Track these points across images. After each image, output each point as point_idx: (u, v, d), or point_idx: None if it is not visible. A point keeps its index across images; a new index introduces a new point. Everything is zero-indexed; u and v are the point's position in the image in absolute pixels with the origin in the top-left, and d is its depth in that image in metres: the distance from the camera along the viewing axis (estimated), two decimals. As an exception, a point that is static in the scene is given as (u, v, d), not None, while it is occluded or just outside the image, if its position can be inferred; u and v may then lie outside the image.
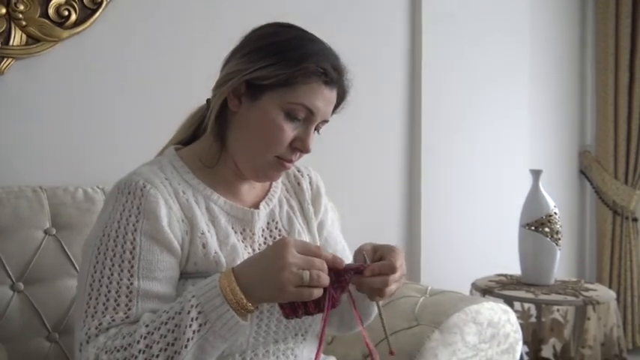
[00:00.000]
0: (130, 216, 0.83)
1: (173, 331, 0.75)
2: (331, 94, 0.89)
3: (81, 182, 1.30)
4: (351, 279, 0.82)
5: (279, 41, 0.87)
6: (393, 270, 0.81)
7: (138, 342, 0.75)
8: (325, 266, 0.77)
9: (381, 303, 0.86)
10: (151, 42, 1.51)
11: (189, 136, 0.99)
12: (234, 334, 0.76)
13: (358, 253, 0.85)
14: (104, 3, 1.43)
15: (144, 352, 0.74)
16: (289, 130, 0.87)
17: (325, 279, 0.76)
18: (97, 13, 1.42)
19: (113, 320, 0.79)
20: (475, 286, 1.97)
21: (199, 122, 0.98)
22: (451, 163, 2.27)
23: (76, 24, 1.39)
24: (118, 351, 0.75)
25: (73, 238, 1.20)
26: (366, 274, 0.81)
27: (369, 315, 0.99)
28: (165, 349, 0.74)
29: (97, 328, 0.78)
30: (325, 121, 0.91)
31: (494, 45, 2.45)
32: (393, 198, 2.15)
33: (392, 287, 0.82)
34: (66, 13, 1.37)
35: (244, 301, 0.75)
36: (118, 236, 0.82)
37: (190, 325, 0.74)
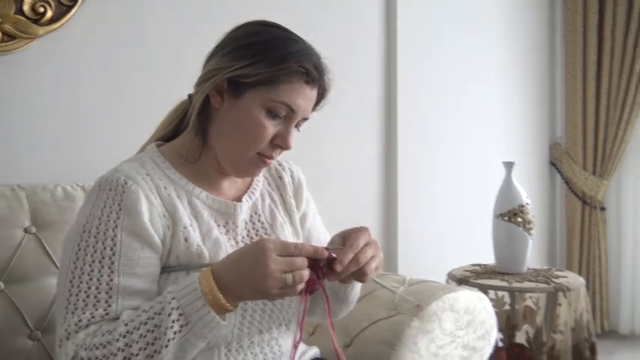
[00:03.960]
0: (111, 212, 0.84)
1: (153, 331, 0.75)
2: (312, 93, 0.91)
3: (60, 180, 1.30)
4: (326, 274, 0.83)
5: (261, 40, 0.88)
6: (355, 249, 0.83)
7: (117, 340, 0.76)
8: (305, 262, 0.79)
9: (375, 278, 0.88)
10: (128, 39, 1.51)
11: (171, 132, 1.00)
12: (214, 332, 0.78)
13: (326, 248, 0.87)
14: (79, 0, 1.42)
15: (123, 351, 0.75)
16: (270, 128, 0.89)
17: (306, 276, 0.78)
18: (73, 10, 1.41)
19: (93, 317, 0.79)
20: (451, 276, 2.02)
21: (180, 118, 1.00)
22: (427, 156, 2.32)
23: (52, 21, 1.38)
24: (97, 348, 0.76)
25: (54, 237, 1.20)
26: (338, 269, 0.82)
27: (350, 302, 1.02)
28: (145, 348, 0.75)
29: (76, 324, 0.79)
30: (305, 119, 0.93)
31: (468, 41, 2.50)
32: (371, 192, 2.18)
33: (372, 265, 0.85)
34: (41, 9, 1.36)
35: (223, 301, 0.77)
36: (98, 232, 0.83)
37: (171, 327, 0.75)
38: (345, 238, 0.87)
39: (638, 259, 3.01)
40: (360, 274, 0.85)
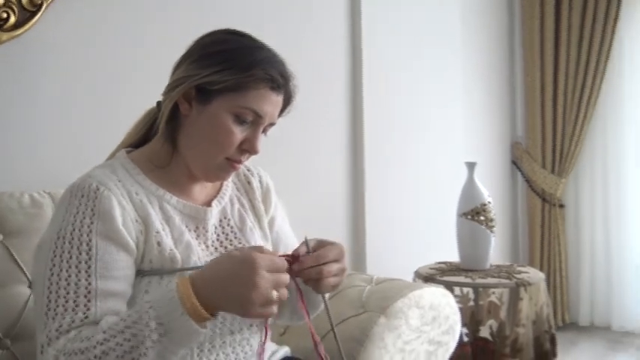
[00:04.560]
0: (85, 218, 0.85)
1: (130, 340, 0.76)
2: (278, 99, 0.94)
3: (27, 187, 1.29)
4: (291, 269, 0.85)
5: (228, 48, 0.91)
6: (324, 259, 0.86)
7: (95, 347, 0.76)
8: (288, 278, 0.81)
9: (327, 297, 0.90)
10: (91, 45, 1.50)
11: (140, 138, 1.01)
12: (192, 339, 0.79)
13: (302, 244, 0.89)
14: (44, 5, 1.41)
15: (100, 358, 0.76)
16: (238, 133, 0.92)
17: (286, 294, 0.80)
18: (37, 16, 1.39)
19: (73, 321, 0.80)
20: (417, 274, 2.07)
21: (149, 125, 1.01)
22: (392, 158, 2.37)
23: (16, 26, 1.36)
24: (76, 354, 0.77)
25: (22, 244, 1.19)
26: (295, 268, 0.85)
27: (317, 307, 1.05)
28: (122, 356, 0.76)
29: (57, 330, 0.80)
30: (272, 124, 0.96)
31: (430, 44, 2.57)
32: (338, 194, 2.22)
33: (330, 280, 0.87)
34: (4, 15, 1.35)
35: (201, 310, 0.77)
36: (73, 238, 0.84)
37: (149, 336, 0.76)
38: (319, 245, 0.89)
39: (595, 253, 3.14)
40: (317, 284, 0.88)
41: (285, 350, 1.12)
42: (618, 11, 2.92)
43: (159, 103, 0.99)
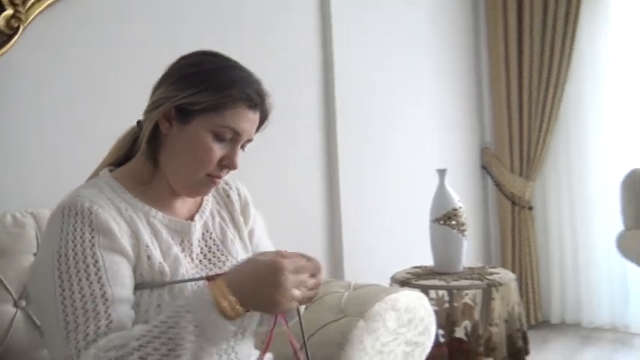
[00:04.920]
0: (84, 234, 0.87)
1: (167, 344, 0.80)
2: (255, 117, 0.99)
3: (8, 208, 1.31)
4: None
5: (205, 69, 0.95)
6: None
7: (131, 354, 0.79)
8: (307, 277, 0.89)
9: (301, 308, 0.97)
10: (68, 68, 1.53)
11: (122, 157, 1.05)
12: (225, 337, 0.85)
13: None
14: (20, 28, 1.44)
15: None
16: (218, 150, 0.96)
17: (306, 291, 0.89)
18: (14, 39, 1.43)
19: (98, 328, 0.82)
20: (394, 279, 2.13)
21: (131, 143, 1.05)
22: (366, 167, 2.45)
23: (-7, 49, 1.39)
24: None
25: (6, 264, 1.21)
26: None
27: (294, 315, 1.09)
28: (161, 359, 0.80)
29: (84, 340, 0.81)
30: (249, 140, 1.01)
31: (401, 56, 2.66)
32: (314, 203, 2.27)
33: (306, 294, 0.91)
34: (-19, 39, 1.38)
35: (239, 307, 0.83)
36: (76, 254, 0.86)
37: (187, 338, 0.80)
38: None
39: (564, 253, 3.26)
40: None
41: (269, 357, 1.16)
42: (576, 24, 3.05)
43: (139, 122, 1.03)
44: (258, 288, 0.84)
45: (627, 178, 2.40)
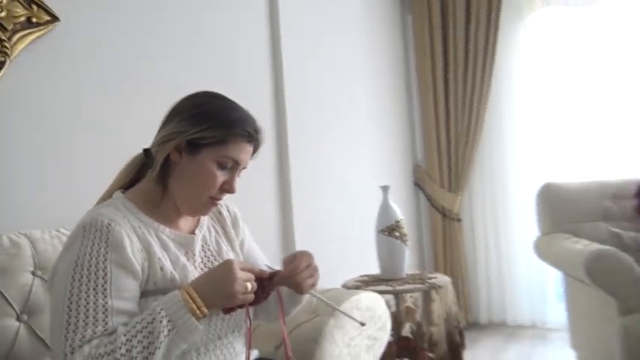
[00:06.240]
0: (100, 249, 1.02)
1: (148, 337, 0.96)
2: (251, 149, 1.17)
3: (2, 230, 1.40)
4: (272, 284, 1.12)
5: (213, 110, 1.13)
6: (297, 269, 1.13)
7: (120, 347, 0.95)
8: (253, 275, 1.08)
9: (313, 291, 1.17)
10: (57, 95, 1.63)
11: (130, 181, 1.20)
12: (193, 335, 1.01)
13: (266, 268, 1.17)
14: (7, 62, 1.53)
15: (124, 355, 0.94)
16: (220, 177, 1.14)
17: (255, 287, 1.07)
18: (1, 72, 1.52)
19: (94, 333, 0.97)
20: (345, 287, 2.34)
21: (137, 169, 1.20)
22: (316, 186, 2.66)
23: (-18, 82, 1.48)
24: (102, 356, 0.94)
25: (7, 281, 1.30)
26: (277, 281, 1.12)
27: (298, 304, 1.29)
28: (142, 351, 0.96)
29: (80, 340, 0.96)
30: (244, 168, 1.19)
31: (343, 82, 2.92)
32: (269, 218, 2.45)
33: (308, 281, 1.14)
34: (-29, 72, 1.46)
35: (204, 308, 1.00)
36: (90, 266, 1.00)
37: (162, 332, 0.97)
38: (291, 258, 1.16)
39: (489, 259, 3.61)
40: (298, 287, 1.14)
41: (255, 352, 1.33)
42: (494, 53, 3.45)
43: (146, 150, 1.18)
44: (215, 284, 1.02)
45: (541, 190, 2.75)
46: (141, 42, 1.90)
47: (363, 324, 1.21)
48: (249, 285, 1.03)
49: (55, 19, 1.63)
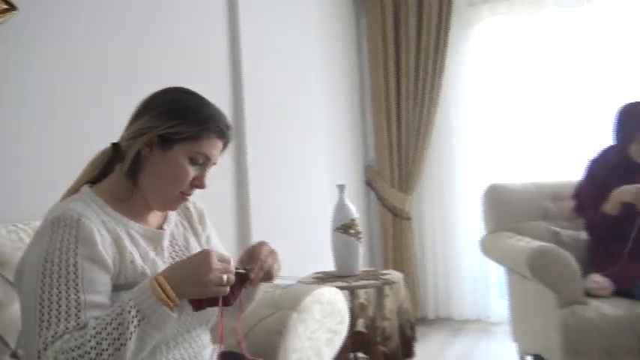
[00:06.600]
0: (70, 244, 1.01)
1: (117, 328, 0.96)
2: (221, 144, 1.19)
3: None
4: (244, 284, 1.13)
5: (186, 106, 1.14)
6: (262, 264, 1.14)
7: (89, 340, 0.95)
8: (233, 267, 1.07)
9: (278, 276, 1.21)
10: (15, 89, 1.60)
11: (97, 175, 1.19)
12: (166, 323, 1.01)
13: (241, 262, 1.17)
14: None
15: (95, 348, 0.95)
16: (192, 172, 1.15)
17: (233, 280, 1.06)
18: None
19: (67, 328, 0.97)
20: (301, 284, 2.38)
21: (105, 163, 1.19)
22: (274, 186, 2.70)
23: None
24: (73, 350, 0.94)
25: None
26: (255, 281, 1.13)
27: (256, 300, 1.32)
28: (113, 343, 0.96)
29: (52, 336, 0.96)
30: (214, 164, 1.21)
31: (299, 83, 2.97)
32: (227, 218, 2.47)
33: (275, 266, 1.17)
34: None
35: (174, 297, 1.00)
36: (60, 261, 1.00)
37: (132, 322, 0.97)
38: (251, 254, 1.17)
39: (437, 257, 3.74)
40: (268, 278, 1.17)
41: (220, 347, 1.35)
42: (444, 58, 3.58)
43: (114, 145, 1.18)
44: (189, 273, 1.02)
45: (487, 190, 2.88)
46: (101, 32, 1.87)
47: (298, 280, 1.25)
48: (224, 277, 1.03)
49: (12, 7, 1.59)
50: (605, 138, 2.48)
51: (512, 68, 3.56)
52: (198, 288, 1.03)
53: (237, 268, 1.12)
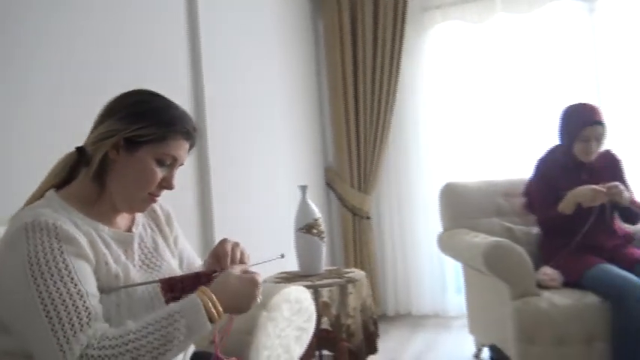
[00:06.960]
0: (52, 244, 1.00)
1: (160, 339, 0.98)
2: (187, 146, 1.19)
3: None
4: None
5: (152, 107, 1.14)
6: (233, 258, 1.19)
7: (126, 344, 0.96)
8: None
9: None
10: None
11: (62, 179, 1.18)
12: (202, 335, 1.05)
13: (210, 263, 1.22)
14: None
15: (131, 352, 0.96)
16: (159, 173, 1.15)
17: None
18: None
19: (81, 319, 0.97)
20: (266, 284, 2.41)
21: (70, 167, 1.18)
22: (237, 188, 2.71)
23: None
24: (107, 349, 0.95)
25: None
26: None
27: None
28: (152, 351, 0.98)
29: (71, 329, 0.95)
30: (182, 164, 1.22)
31: (260, 85, 2.99)
32: (189, 220, 2.46)
33: (245, 255, 1.23)
34: None
35: (222, 314, 1.06)
36: (48, 261, 0.99)
37: (178, 337, 1.00)
38: (216, 254, 1.20)
39: (395, 254, 3.83)
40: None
41: (192, 348, 1.36)
42: (399, 61, 3.68)
43: (78, 149, 1.17)
44: (239, 298, 1.10)
45: (444, 189, 2.98)
46: (61, 36, 1.84)
47: (282, 256, 1.29)
48: (259, 300, 1.14)
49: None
50: (551, 137, 2.61)
51: (465, 71, 3.69)
52: (239, 311, 1.13)
53: (214, 272, 1.15)
